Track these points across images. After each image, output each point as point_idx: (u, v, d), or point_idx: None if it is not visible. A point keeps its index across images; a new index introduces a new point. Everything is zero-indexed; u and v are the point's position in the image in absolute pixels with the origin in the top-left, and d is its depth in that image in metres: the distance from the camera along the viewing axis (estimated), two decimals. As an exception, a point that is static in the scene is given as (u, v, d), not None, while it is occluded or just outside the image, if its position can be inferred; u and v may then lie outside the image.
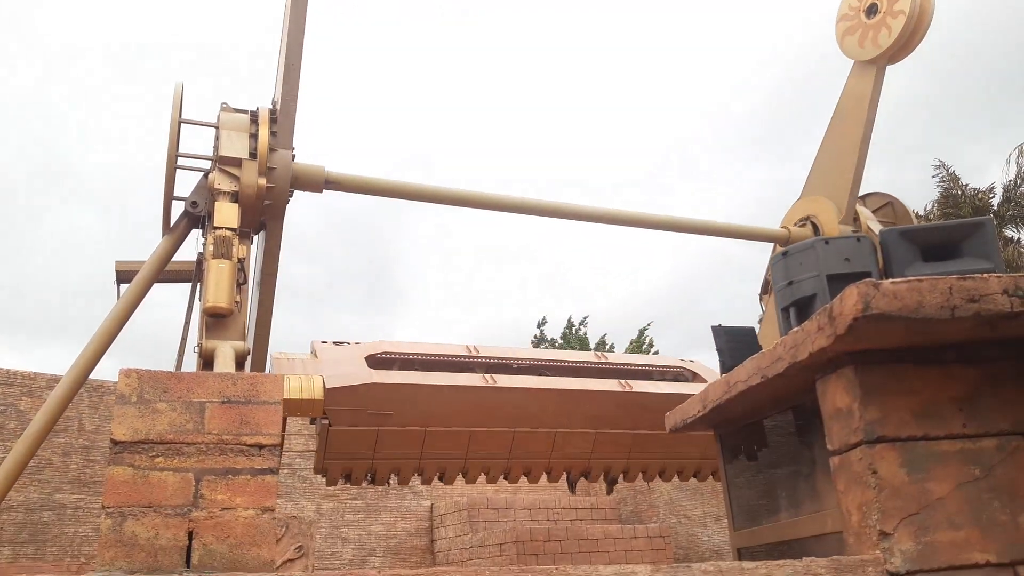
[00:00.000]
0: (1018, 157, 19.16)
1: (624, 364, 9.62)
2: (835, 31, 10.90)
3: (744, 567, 2.34)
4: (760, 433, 3.90)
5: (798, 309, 4.33)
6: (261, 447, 2.60)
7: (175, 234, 10.36)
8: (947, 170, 21.96)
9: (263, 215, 9.58)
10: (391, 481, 8.52)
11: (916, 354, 2.68)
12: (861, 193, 12.38)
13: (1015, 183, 20.09)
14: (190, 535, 2.42)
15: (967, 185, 21.80)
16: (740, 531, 3.92)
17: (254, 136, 9.96)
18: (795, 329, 2.93)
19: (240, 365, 9.28)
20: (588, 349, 35.08)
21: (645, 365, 9.95)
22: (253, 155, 9.79)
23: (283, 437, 8.33)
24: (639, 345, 35.40)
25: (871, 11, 10.18)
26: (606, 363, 9.53)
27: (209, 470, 2.51)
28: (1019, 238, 20.39)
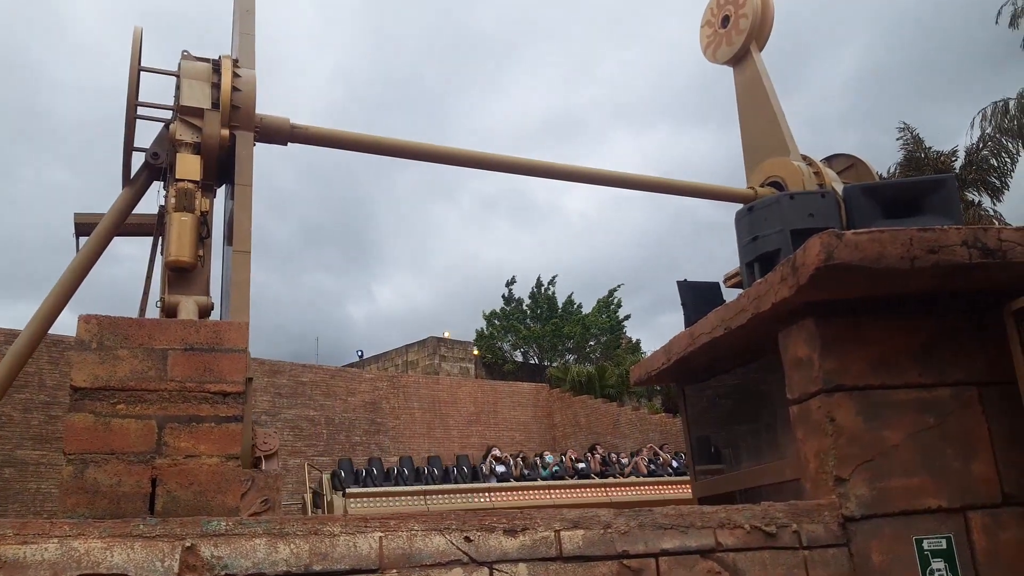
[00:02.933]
0: (981, 121, 19.41)
1: None
2: (699, 37, 12.24)
3: (704, 511, 2.40)
4: (723, 385, 3.96)
5: (762, 264, 4.36)
6: (225, 395, 2.58)
7: (135, 186, 10.12)
8: (911, 133, 22.18)
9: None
10: None
11: (875, 306, 2.73)
12: (827, 155, 12.51)
13: (977, 147, 20.37)
14: (153, 482, 2.40)
15: (930, 148, 22.06)
16: (701, 481, 4.00)
17: (216, 86, 9.72)
18: (758, 281, 2.97)
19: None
20: (556, 308, 35.23)
21: None
22: (215, 105, 9.56)
23: (248, 388, 8.33)
24: (607, 305, 35.62)
25: (725, 21, 11.57)
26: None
27: (172, 417, 2.49)
28: (980, 201, 20.74)
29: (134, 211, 10.29)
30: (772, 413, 3.35)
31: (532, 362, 34.24)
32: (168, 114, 10.06)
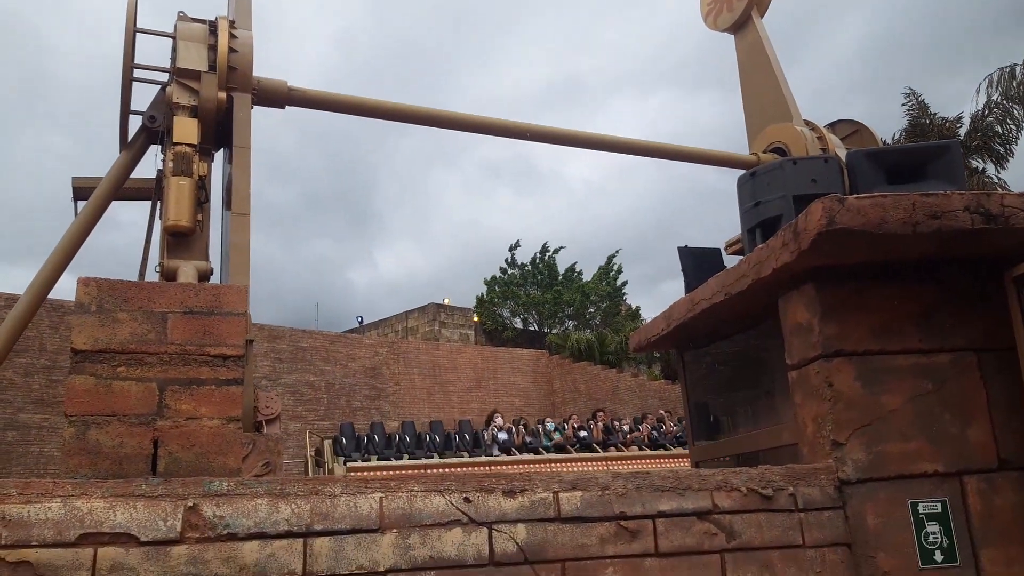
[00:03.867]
0: (987, 88, 19.26)
1: None
2: (699, 5, 12.68)
3: (702, 474, 2.41)
4: (722, 351, 3.97)
5: (763, 230, 4.35)
6: (225, 358, 2.59)
7: (132, 150, 10.06)
8: (917, 99, 22.00)
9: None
10: None
11: (876, 272, 2.72)
12: (830, 120, 12.43)
13: (983, 113, 20.21)
14: (155, 443, 2.41)
15: (935, 114, 21.89)
16: (699, 445, 4.03)
17: (213, 48, 9.60)
18: (759, 246, 2.96)
19: (204, 285, 9.20)
20: (556, 275, 35.24)
21: None
22: (212, 68, 9.46)
23: (249, 350, 8.37)
24: (607, 271, 35.63)
25: None
26: None
27: (173, 380, 2.49)
28: (984, 168, 20.65)
29: (132, 175, 10.24)
30: (771, 379, 3.36)
31: (532, 329, 34.36)
32: (165, 77, 9.97)
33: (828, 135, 11.61)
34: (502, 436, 14.27)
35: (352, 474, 11.64)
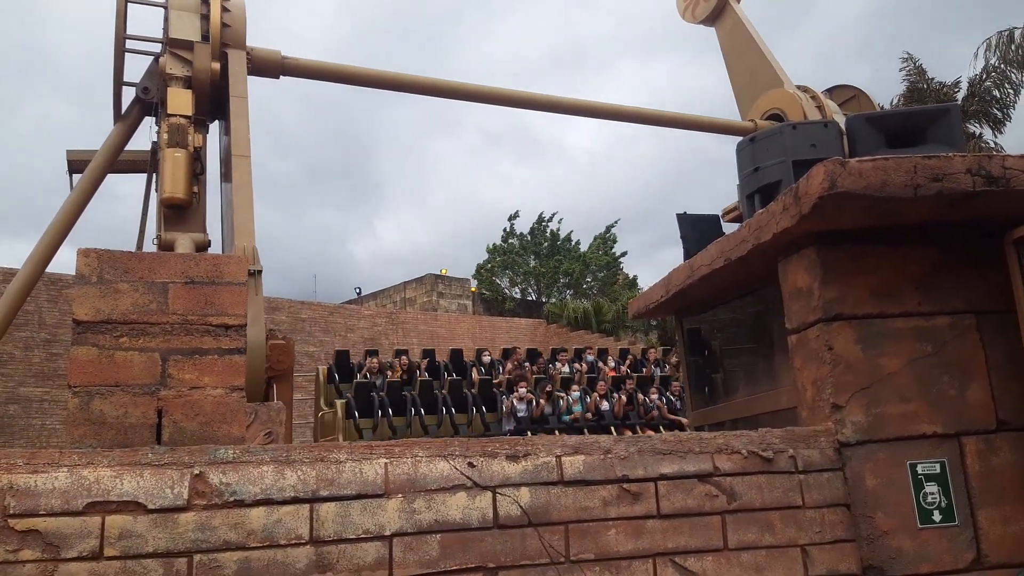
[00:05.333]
0: (985, 51, 19.11)
1: None
2: (675, 3, 13.10)
3: (703, 436, 2.43)
4: (721, 317, 3.98)
5: (763, 195, 4.34)
6: (227, 327, 2.59)
7: (127, 122, 9.99)
8: (914, 63, 21.84)
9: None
10: None
11: (877, 235, 2.72)
12: (828, 86, 12.37)
13: (981, 77, 20.09)
14: (159, 413, 2.42)
15: (933, 79, 21.76)
16: (698, 411, 4.05)
17: (206, 18, 9.50)
18: (760, 211, 2.95)
19: (201, 258, 9.19)
20: (556, 243, 35.19)
21: None
22: (206, 38, 9.36)
23: (258, 281, 8.38)
24: (604, 241, 35.59)
25: None
26: None
27: (175, 350, 2.50)
28: (981, 133, 20.56)
29: (127, 148, 10.18)
30: (770, 344, 3.37)
31: (530, 298, 34.40)
32: (158, 47, 9.87)
33: (825, 100, 11.56)
34: (521, 408, 13.34)
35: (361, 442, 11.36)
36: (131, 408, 2.40)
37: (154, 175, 9.95)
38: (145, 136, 10.13)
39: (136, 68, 9.82)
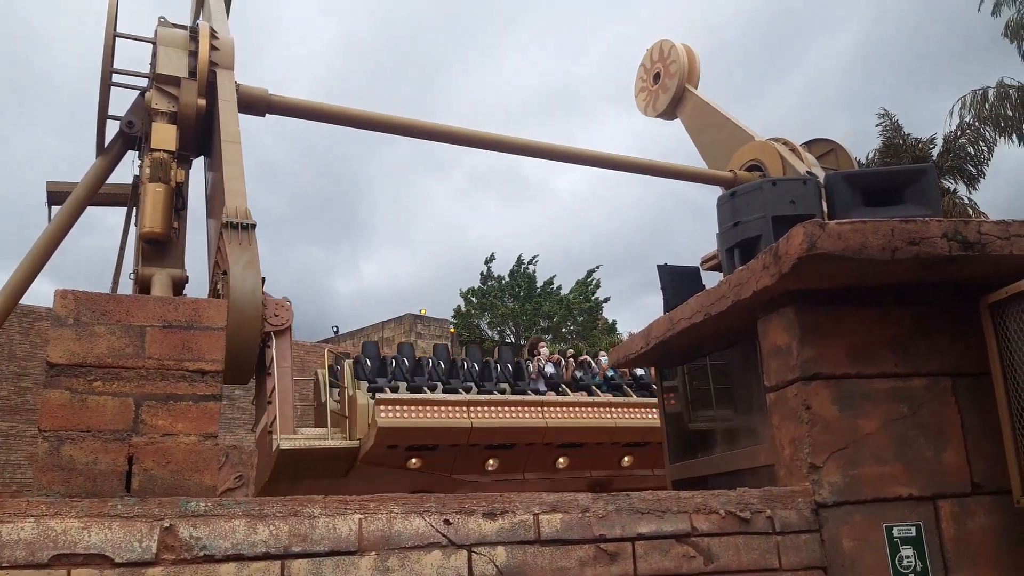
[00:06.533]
0: (960, 109, 19.55)
1: None
2: (637, 104, 13.65)
3: (681, 496, 2.42)
4: (700, 370, 3.99)
5: (743, 250, 4.38)
6: (203, 373, 2.56)
7: (109, 155, 9.96)
8: (890, 119, 22.32)
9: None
10: None
11: (854, 296, 2.75)
12: (807, 139, 12.61)
13: (955, 135, 20.54)
14: (130, 460, 2.38)
15: (909, 135, 22.23)
16: (676, 464, 4.04)
17: (194, 54, 9.54)
18: (740, 268, 2.98)
19: (178, 293, 9.08)
20: (535, 287, 35.23)
21: None
22: (193, 74, 9.40)
23: (252, 234, 8.23)
24: (585, 286, 35.69)
25: (656, 78, 13.26)
26: None
27: (150, 395, 2.46)
28: (955, 189, 20.96)
29: (108, 181, 10.13)
30: (749, 399, 3.38)
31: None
32: (144, 82, 9.89)
33: (803, 150, 11.78)
34: (550, 369, 11.97)
35: (383, 412, 9.15)
36: (101, 454, 2.35)
37: (134, 209, 9.90)
38: (127, 170, 10.07)
39: (121, 102, 9.84)
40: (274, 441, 8.61)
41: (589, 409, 10.48)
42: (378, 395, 9.45)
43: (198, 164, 10.00)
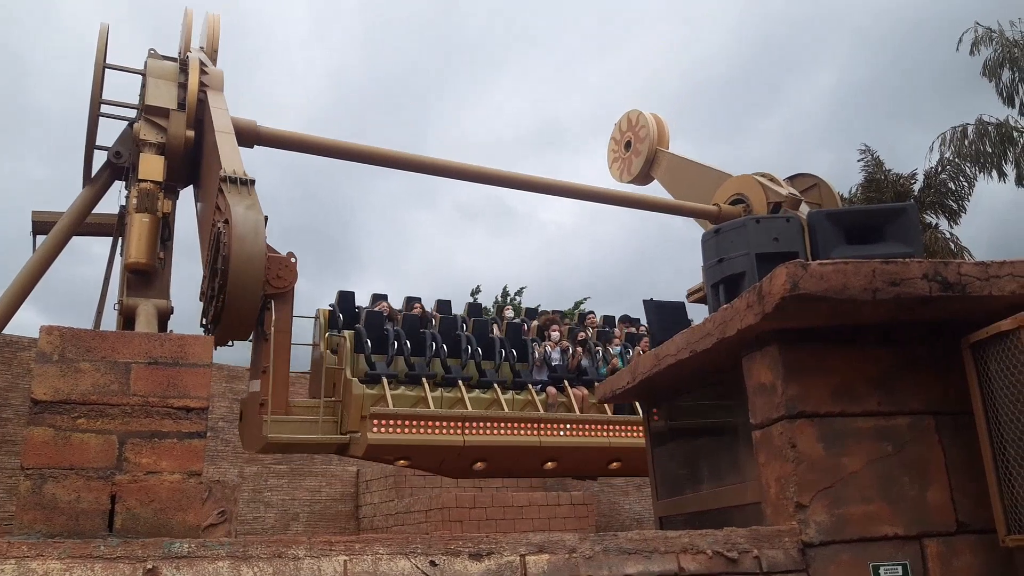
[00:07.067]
0: (940, 145, 19.87)
1: None
2: (607, 157, 13.92)
3: (668, 536, 2.42)
4: (686, 406, 4.00)
5: (727, 286, 4.42)
6: (189, 410, 2.55)
7: (96, 185, 9.93)
8: (872, 155, 22.66)
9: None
10: None
11: (837, 334, 2.78)
12: (791, 174, 12.78)
13: (936, 170, 20.86)
14: (113, 499, 2.36)
15: (890, 170, 22.56)
16: (663, 501, 4.03)
17: (183, 86, 9.58)
18: (724, 306, 3.01)
19: (163, 325, 9.02)
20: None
21: None
22: (182, 106, 9.42)
23: (251, 188, 8.02)
24: (571, 319, 35.68)
25: (627, 146, 13.63)
26: None
27: (134, 433, 2.45)
28: (937, 224, 21.24)
29: (94, 211, 10.10)
30: (735, 435, 3.39)
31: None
32: (133, 113, 9.91)
33: (783, 183, 11.94)
34: (555, 357, 11.27)
35: (375, 429, 8.91)
36: (84, 493, 2.33)
37: (120, 239, 9.87)
38: (114, 200, 10.04)
39: (110, 132, 9.84)
40: (265, 423, 8.39)
41: (586, 427, 10.16)
42: (372, 408, 9.09)
43: (185, 195, 10.00)
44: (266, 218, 7.86)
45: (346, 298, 11.29)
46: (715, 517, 3.37)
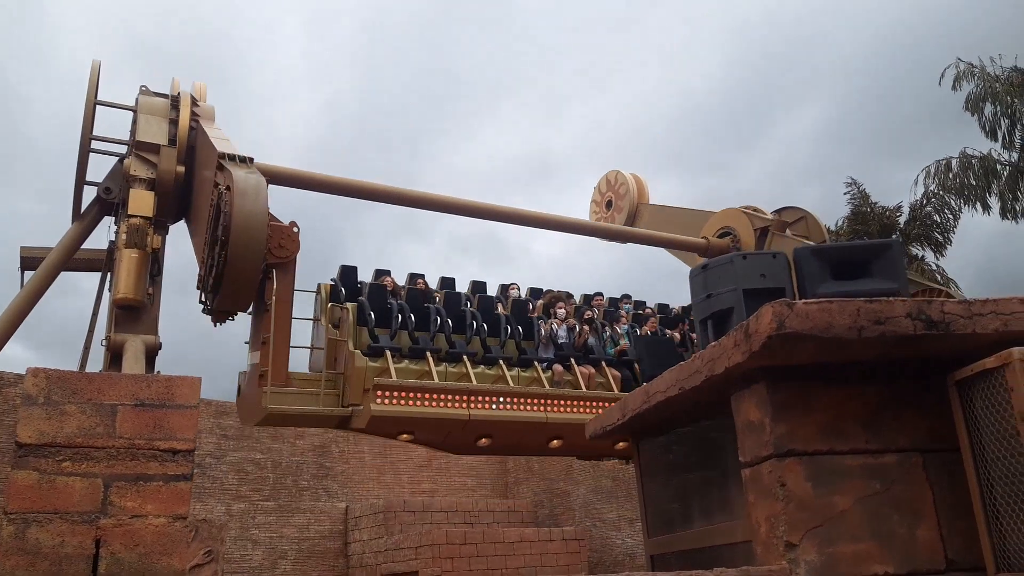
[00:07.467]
0: (925, 179, 20.11)
1: None
2: (589, 217, 14.25)
3: (658, 577, 2.40)
4: (676, 442, 4.00)
5: (716, 322, 4.45)
6: (175, 452, 2.54)
7: (85, 220, 9.92)
8: (858, 188, 22.92)
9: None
10: None
11: (825, 372, 2.80)
12: (778, 207, 12.91)
13: (921, 203, 21.11)
14: (97, 543, 2.34)
15: (876, 203, 22.82)
16: (654, 538, 4.01)
17: (174, 122, 9.63)
18: (712, 344, 3.03)
19: (151, 360, 8.96)
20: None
21: None
22: (172, 142, 9.46)
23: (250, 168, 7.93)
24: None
25: (608, 205, 14.12)
26: None
27: (119, 476, 2.43)
28: (923, 256, 21.43)
29: (83, 246, 10.08)
30: (725, 472, 3.39)
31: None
32: (123, 149, 9.95)
33: (767, 214, 12.09)
34: (561, 335, 10.93)
35: (378, 401, 8.59)
36: (68, 537, 2.31)
37: (109, 274, 9.84)
38: (103, 235, 10.03)
39: (100, 168, 9.85)
40: (264, 394, 8.16)
41: (594, 404, 9.72)
42: (376, 380, 8.87)
43: (175, 230, 10.00)
44: (268, 181, 7.90)
45: (348, 272, 10.94)
46: (706, 555, 3.35)
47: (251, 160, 8.19)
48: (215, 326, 9.43)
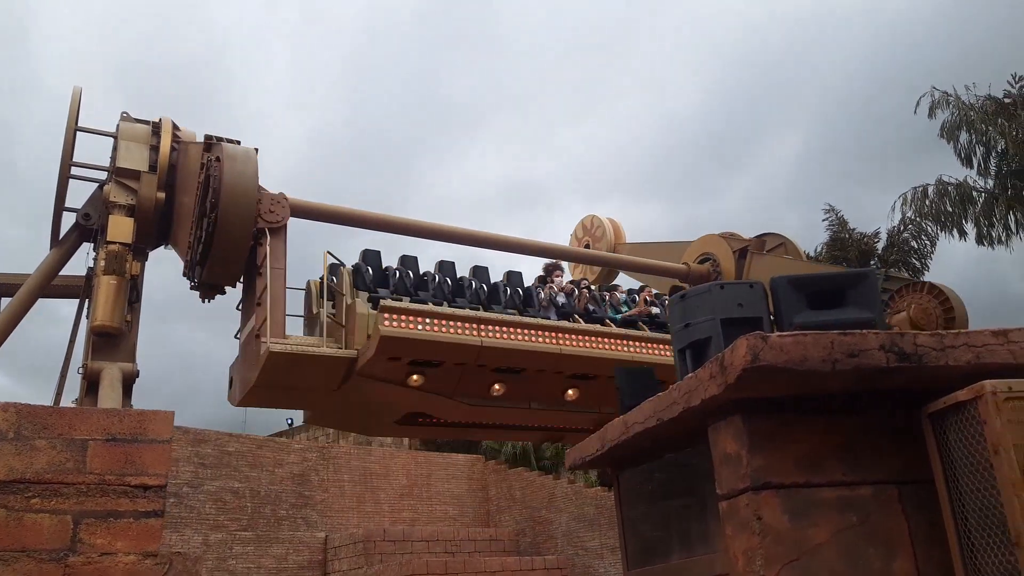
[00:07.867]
0: (902, 205, 20.39)
1: None
2: (569, 267, 14.13)
3: (635, 613, 2.39)
4: (656, 472, 3.99)
5: (694, 351, 4.46)
6: (146, 488, 2.50)
7: (64, 247, 9.84)
8: (836, 214, 23.24)
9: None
10: None
11: (800, 404, 2.81)
12: (758, 232, 13.05)
13: (899, 229, 21.39)
14: (64, 582, 2.29)
15: (854, 229, 23.11)
16: (634, 571, 3.99)
17: (155, 148, 9.60)
18: (689, 375, 3.04)
19: (127, 388, 8.86)
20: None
21: None
22: (153, 168, 9.43)
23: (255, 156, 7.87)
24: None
25: (587, 248, 14.09)
26: None
27: (89, 512, 2.40)
28: (900, 282, 21.64)
29: (62, 272, 9.99)
30: (703, 503, 3.38)
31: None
32: (103, 175, 9.90)
33: (740, 236, 12.23)
34: (561, 299, 10.95)
35: (387, 322, 8.18)
36: (35, 576, 2.26)
37: (87, 301, 9.74)
38: (82, 261, 9.96)
39: (80, 194, 9.80)
40: (262, 344, 7.92)
41: (605, 340, 9.50)
42: (382, 302, 8.48)
43: (154, 256, 9.94)
44: (256, 149, 7.95)
45: (372, 255, 10.59)
46: (684, 588, 3.33)
47: (239, 143, 8.31)
48: (203, 302, 9.35)
